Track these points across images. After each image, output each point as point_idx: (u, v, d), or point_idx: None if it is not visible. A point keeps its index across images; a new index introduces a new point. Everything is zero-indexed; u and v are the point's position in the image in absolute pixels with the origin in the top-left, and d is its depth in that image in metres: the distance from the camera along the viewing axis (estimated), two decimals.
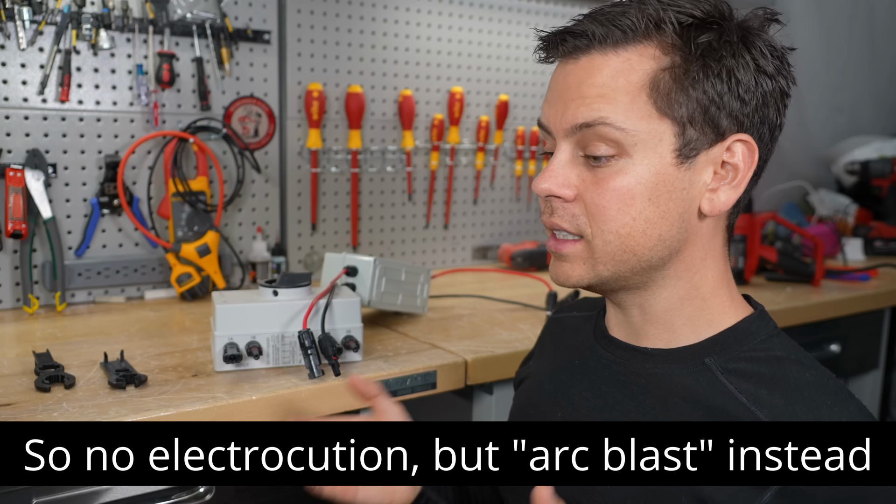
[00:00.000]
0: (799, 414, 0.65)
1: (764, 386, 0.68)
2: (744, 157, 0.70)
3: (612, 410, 0.76)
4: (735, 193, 0.71)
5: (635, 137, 0.68)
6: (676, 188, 0.69)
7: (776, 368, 0.69)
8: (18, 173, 1.34)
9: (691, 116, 0.68)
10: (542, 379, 0.88)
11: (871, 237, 2.30)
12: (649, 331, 0.76)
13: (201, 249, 1.49)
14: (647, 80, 0.68)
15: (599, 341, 0.82)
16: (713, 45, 0.67)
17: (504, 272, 1.87)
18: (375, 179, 1.82)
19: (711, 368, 0.71)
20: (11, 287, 1.41)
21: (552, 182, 0.71)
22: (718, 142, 0.69)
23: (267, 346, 1.05)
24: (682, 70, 0.67)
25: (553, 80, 0.74)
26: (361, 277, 1.25)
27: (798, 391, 0.67)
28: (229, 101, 1.59)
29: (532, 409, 0.86)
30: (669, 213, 0.70)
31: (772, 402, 0.66)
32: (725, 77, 0.68)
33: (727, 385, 0.69)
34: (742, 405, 0.67)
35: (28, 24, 1.36)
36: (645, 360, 0.76)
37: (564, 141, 0.71)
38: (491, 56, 1.96)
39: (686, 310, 0.74)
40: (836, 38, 2.74)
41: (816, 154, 2.73)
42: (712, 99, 0.68)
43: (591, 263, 0.72)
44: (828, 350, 1.70)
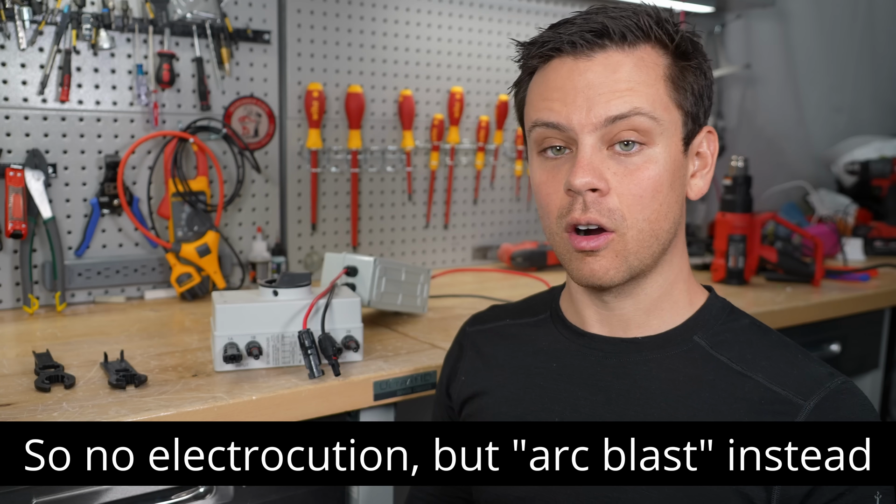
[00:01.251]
0: (784, 369, 0.73)
1: (747, 351, 0.76)
2: (710, 146, 0.80)
3: (617, 403, 0.76)
4: (708, 179, 0.80)
5: (662, 126, 0.73)
6: (682, 174, 0.76)
7: (750, 335, 0.78)
8: (18, 173, 1.34)
9: (690, 108, 0.75)
10: (511, 391, 0.84)
11: (871, 237, 2.30)
12: (639, 320, 0.79)
13: (201, 249, 1.49)
14: (662, 74, 0.73)
15: (576, 341, 0.82)
16: (690, 45, 0.76)
17: (504, 272, 1.87)
18: (375, 179, 1.82)
19: (701, 345, 0.77)
20: (11, 287, 1.41)
21: (592, 174, 0.72)
22: (698, 132, 0.78)
23: (267, 346, 1.05)
24: (681, 66, 0.75)
25: (558, 77, 0.74)
26: (361, 277, 1.25)
27: (774, 351, 0.76)
28: (229, 101, 1.59)
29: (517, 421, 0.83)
30: (679, 198, 0.76)
31: (760, 365, 0.74)
32: (702, 73, 0.76)
33: (719, 357, 0.76)
34: (739, 373, 0.74)
35: (28, 24, 1.36)
36: (640, 349, 0.78)
37: (590, 136, 0.72)
38: (491, 56, 1.96)
39: (673, 293, 0.79)
40: (836, 38, 2.74)
41: (816, 154, 2.73)
42: (699, 92, 0.76)
43: (624, 256, 0.74)
44: (828, 350, 1.70)
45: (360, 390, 1.04)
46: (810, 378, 0.72)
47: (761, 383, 0.72)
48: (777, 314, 1.51)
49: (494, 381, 0.87)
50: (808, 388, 0.71)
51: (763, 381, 0.72)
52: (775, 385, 0.72)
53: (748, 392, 0.72)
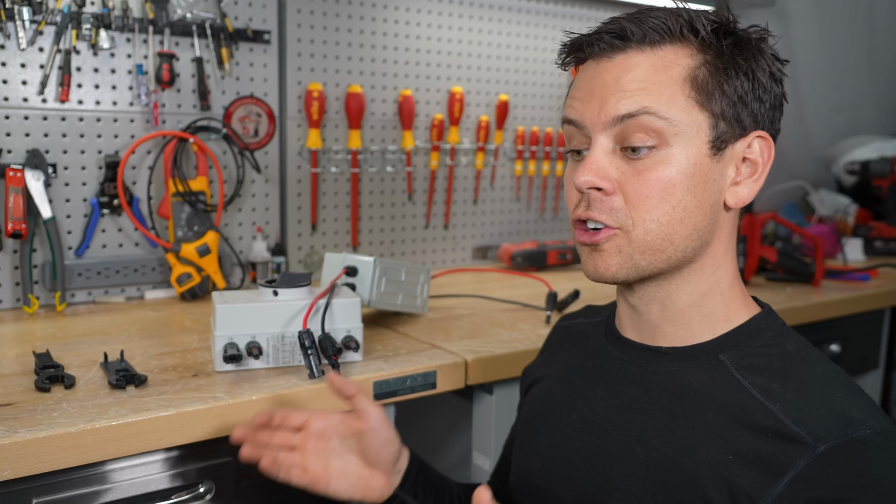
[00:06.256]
0: (811, 406, 0.67)
1: (776, 380, 0.70)
2: (762, 153, 0.75)
3: (629, 408, 0.77)
4: (756, 187, 0.75)
5: (676, 127, 0.70)
6: (710, 179, 0.72)
7: (787, 363, 0.72)
8: (18, 173, 1.33)
9: (723, 110, 0.72)
10: (554, 383, 0.89)
11: (871, 237, 2.30)
12: (666, 329, 0.77)
13: (201, 249, 1.49)
14: (686, 74, 0.71)
15: (612, 343, 0.83)
16: (738, 46, 0.73)
17: (504, 272, 1.87)
18: (375, 179, 1.82)
19: (726, 364, 0.73)
20: (11, 287, 1.41)
21: (594, 174, 0.71)
22: (741, 137, 0.73)
23: (267, 346, 1.05)
24: (715, 67, 0.72)
25: (583, 78, 0.75)
26: (361, 277, 1.24)
27: (809, 384, 0.69)
28: (229, 101, 1.59)
29: (547, 413, 0.86)
30: (703, 204, 0.72)
31: (784, 396, 0.68)
32: (750, 77, 0.73)
33: (741, 380, 0.71)
34: (756, 400, 0.69)
35: (28, 24, 1.36)
36: (660, 359, 0.77)
37: (602, 135, 0.72)
38: (491, 56, 1.96)
39: (706, 305, 0.76)
40: (836, 38, 2.74)
41: (816, 154, 2.73)
42: (740, 96, 0.72)
43: (629, 254, 0.73)
44: (828, 350, 1.71)
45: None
46: (835, 420, 0.65)
47: (775, 415, 0.67)
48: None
49: (548, 371, 0.91)
50: (825, 430, 0.64)
51: (779, 412, 0.67)
52: (790, 420, 0.66)
53: (758, 421, 0.67)
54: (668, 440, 0.72)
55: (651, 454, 0.72)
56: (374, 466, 0.88)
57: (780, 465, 0.64)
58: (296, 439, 0.87)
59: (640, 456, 0.73)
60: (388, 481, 0.89)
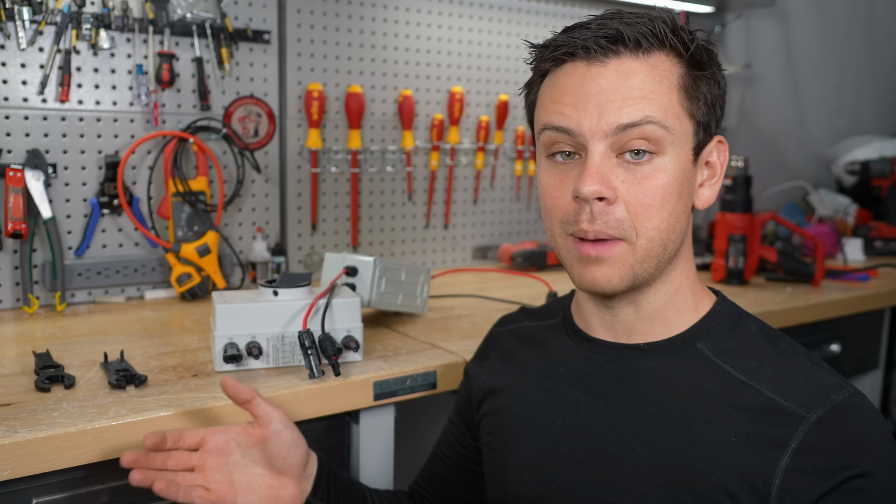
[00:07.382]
0: (790, 379, 0.72)
1: (753, 360, 0.74)
2: (720, 156, 0.79)
3: (618, 408, 0.77)
4: (717, 188, 0.79)
5: (673, 136, 0.72)
6: (691, 184, 0.75)
7: (757, 342, 0.76)
8: (18, 173, 1.33)
9: (702, 117, 0.74)
10: (523, 392, 0.86)
11: (871, 237, 2.30)
12: (642, 326, 0.78)
13: (201, 249, 1.49)
14: (676, 83, 0.72)
15: (582, 346, 0.82)
16: (707, 53, 0.75)
17: (504, 272, 1.87)
18: (375, 179, 1.82)
19: (704, 352, 0.76)
20: (11, 287, 1.41)
21: (600, 183, 0.70)
22: (709, 142, 0.77)
23: (267, 346, 1.05)
24: (693, 75, 0.74)
25: (570, 83, 0.73)
26: (361, 277, 1.24)
27: (781, 359, 0.74)
28: (229, 101, 1.59)
29: (523, 423, 0.85)
30: (686, 208, 0.76)
31: (764, 373, 0.72)
32: (715, 83, 0.75)
33: (722, 365, 0.74)
34: (741, 381, 0.73)
35: (28, 24, 1.36)
36: (641, 356, 0.78)
37: (599, 143, 0.71)
38: (491, 56, 1.96)
39: (678, 300, 0.78)
40: (836, 38, 2.74)
41: (816, 154, 2.73)
42: (711, 102, 0.75)
43: (631, 264, 0.73)
44: (828, 350, 1.70)
45: (360, 390, 1.04)
46: (816, 389, 0.70)
47: (763, 393, 0.71)
48: (777, 314, 1.51)
49: (510, 380, 0.89)
50: (812, 400, 0.69)
51: (766, 390, 0.71)
52: (778, 395, 0.70)
53: (749, 401, 0.71)
54: (667, 434, 0.72)
55: (654, 450, 0.73)
56: (282, 474, 0.84)
57: (781, 438, 0.68)
58: (194, 459, 0.82)
59: (643, 453, 0.73)
60: (299, 488, 0.86)
